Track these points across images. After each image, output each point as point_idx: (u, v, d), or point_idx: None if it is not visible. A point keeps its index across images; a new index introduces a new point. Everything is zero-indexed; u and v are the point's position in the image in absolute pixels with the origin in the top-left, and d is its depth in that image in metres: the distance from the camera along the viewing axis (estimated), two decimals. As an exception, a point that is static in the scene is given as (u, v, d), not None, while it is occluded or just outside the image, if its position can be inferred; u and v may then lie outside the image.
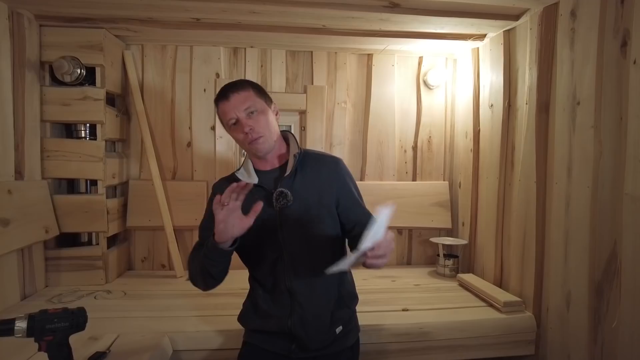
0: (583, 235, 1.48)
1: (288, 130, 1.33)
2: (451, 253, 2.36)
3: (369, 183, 2.43)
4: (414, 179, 2.51)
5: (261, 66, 2.34)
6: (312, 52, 2.38)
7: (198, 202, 2.26)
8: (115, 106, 2.19)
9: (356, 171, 2.46)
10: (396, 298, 1.87)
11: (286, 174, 1.21)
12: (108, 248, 2.07)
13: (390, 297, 1.88)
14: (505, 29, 1.94)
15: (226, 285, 1.33)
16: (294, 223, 1.20)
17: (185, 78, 2.29)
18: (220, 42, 2.25)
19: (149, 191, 2.20)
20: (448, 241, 2.32)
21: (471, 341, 1.64)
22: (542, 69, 1.69)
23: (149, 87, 2.27)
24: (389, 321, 1.62)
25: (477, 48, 2.21)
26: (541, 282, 1.70)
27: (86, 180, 2.05)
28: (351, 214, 1.26)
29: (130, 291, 1.93)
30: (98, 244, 2.02)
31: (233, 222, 1.05)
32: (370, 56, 2.43)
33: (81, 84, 1.95)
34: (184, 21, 1.92)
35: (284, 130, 1.33)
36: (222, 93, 1.21)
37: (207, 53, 2.29)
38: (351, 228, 1.25)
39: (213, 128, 2.29)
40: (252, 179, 1.22)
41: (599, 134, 1.41)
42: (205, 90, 2.29)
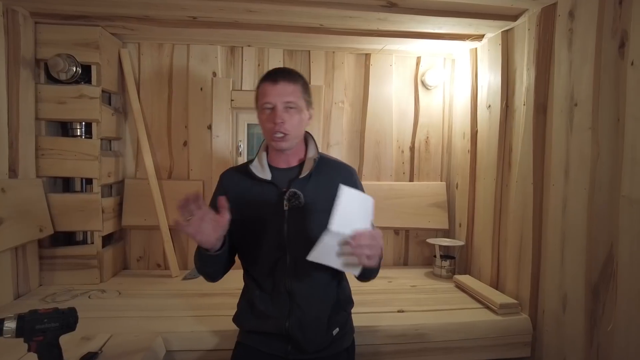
0: (580, 237, 1.47)
1: (309, 132, 1.34)
2: (448, 254, 2.35)
3: (366, 183, 2.37)
4: (411, 180, 2.50)
5: (258, 65, 2.33)
6: (310, 52, 2.36)
7: (194, 202, 2.25)
8: (111, 104, 2.18)
9: (353, 171, 2.45)
10: (392, 299, 1.86)
11: (301, 176, 1.22)
12: (103, 247, 2.05)
13: (386, 298, 1.87)
14: (503, 30, 1.93)
15: (221, 285, 1.33)
16: (302, 225, 1.20)
17: (182, 76, 2.28)
18: (217, 41, 2.24)
19: (145, 190, 2.18)
20: (445, 242, 2.31)
21: (467, 343, 1.63)
22: (540, 70, 1.68)
23: (146, 86, 2.25)
24: (385, 322, 1.62)
25: (476, 48, 2.20)
26: (537, 284, 1.69)
27: (81, 178, 2.04)
28: None
29: (124, 291, 1.92)
30: (93, 243, 2.01)
31: (208, 227, 1.03)
32: (368, 56, 2.42)
33: (77, 82, 1.94)
34: (181, 19, 1.91)
35: (305, 132, 1.34)
36: (272, 75, 1.19)
37: (204, 52, 2.28)
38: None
39: (210, 127, 2.27)
40: (265, 174, 1.23)
41: (597, 136, 1.40)
42: (202, 89, 2.28)
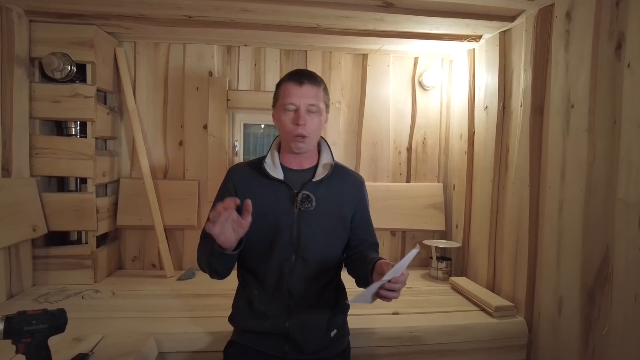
0: (575, 240, 1.46)
1: (323, 137, 1.37)
2: (444, 256, 2.34)
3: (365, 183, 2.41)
4: (408, 181, 2.49)
5: (255, 65, 2.32)
6: (307, 52, 2.35)
7: (189, 202, 2.24)
8: (106, 103, 2.17)
9: (350, 172, 2.44)
10: (387, 301, 1.85)
11: (315, 179, 1.24)
12: (97, 247, 2.04)
13: (381, 300, 1.85)
14: (500, 30, 1.92)
15: (216, 286, 1.32)
16: (311, 228, 1.22)
17: (178, 76, 2.26)
18: (213, 40, 2.23)
19: (140, 190, 2.17)
20: (441, 244, 2.30)
21: (462, 346, 1.62)
22: (537, 71, 1.67)
23: (141, 85, 2.24)
24: (379, 325, 1.61)
25: (473, 49, 2.19)
26: (533, 287, 1.68)
27: (76, 178, 2.03)
28: (361, 232, 1.33)
29: (118, 291, 1.91)
30: (87, 243, 2.00)
31: (230, 228, 1.04)
32: (365, 56, 2.40)
33: (72, 81, 1.93)
34: (177, 19, 1.90)
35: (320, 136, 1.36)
36: (297, 76, 1.19)
37: (201, 51, 2.27)
38: (356, 244, 1.32)
39: (205, 127, 2.26)
40: (278, 174, 1.24)
41: (593, 138, 1.39)
42: (198, 88, 2.26)
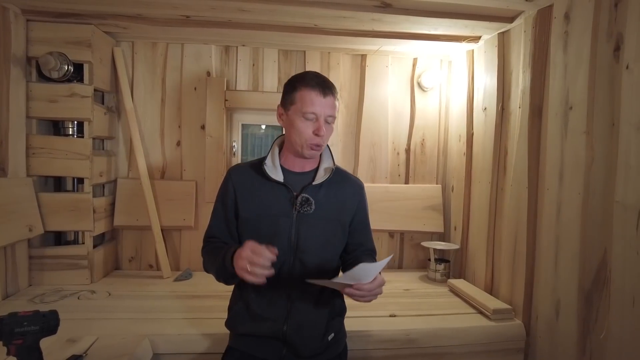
0: (573, 243, 1.45)
1: None
2: (443, 257, 2.33)
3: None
4: (407, 182, 2.48)
5: (253, 65, 2.31)
6: (305, 52, 2.34)
7: (187, 202, 2.24)
8: (104, 103, 2.17)
9: (348, 173, 2.43)
10: (384, 303, 1.83)
11: (315, 183, 1.24)
12: (94, 247, 2.04)
13: (378, 302, 1.76)
14: (499, 31, 1.91)
15: (212, 287, 1.31)
16: (309, 231, 1.22)
17: (175, 76, 2.26)
18: (211, 40, 2.22)
19: (137, 190, 2.17)
20: (440, 246, 2.29)
21: (459, 349, 1.61)
22: (536, 73, 1.66)
23: (139, 85, 2.23)
24: (376, 327, 1.60)
25: (472, 50, 2.18)
26: (531, 290, 1.67)
27: (73, 178, 2.02)
28: (358, 236, 1.33)
29: (115, 291, 1.90)
30: (84, 243, 1.99)
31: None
32: (363, 57, 2.39)
33: (69, 81, 1.92)
34: (174, 18, 1.89)
35: None
36: (321, 86, 1.16)
37: (199, 51, 2.26)
38: (353, 249, 1.32)
39: (203, 127, 2.25)
40: (278, 176, 1.23)
41: (591, 140, 1.38)
42: (195, 88, 2.26)
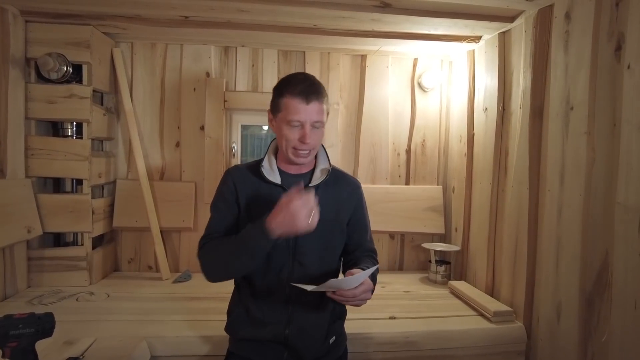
0: (574, 244, 1.43)
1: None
2: (443, 259, 2.32)
3: (362, 186, 2.38)
4: (407, 183, 2.47)
5: (252, 65, 2.30)
6: (305, 52, 2.33)
7: (186, 203, 2.23)
8: (103, 104, 2.16)
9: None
10: (384, 305, 1.82)
11: (311, 184, 1.22)
12: (93, 249, 2.03)
13: (378, 304, 1.83)
14: (500, 31, 1.89)
15: (212, 288, 1.29)
16: (310, 233, 1.17)
17: (175, 77, 2.25)
18: (210, 41, 2.21)
19: (137, 191, 2.16)
20: (440, 247, 2.27)
21: (459, 351, 1.60)
22: (537, 73, 1.64)
23: (138, 86, 2.23)
24: (376, 329, 1.59)
25: (473, 50, 2.16)
26: (532, 292, 1.66)
27: (72, 179, 2.02)
28: (357, 237, 1.30)
29: (113, 293, 1.89)
30: (82, 245, 1.99)
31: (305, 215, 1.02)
32: (364, 57, 2.38)
33: (67, 82, 1.92)
34: (173, 19, 1.88)
35: None
36: (303, 94, 1.11)
37: (198, 52, 2.25)
38: (352, 250, 1.30)
39: (203, 128, 2.25)
40: (275, 177, 1.21)
41: (592, 141, 1.36)
42: (195, 89, 2.25)
